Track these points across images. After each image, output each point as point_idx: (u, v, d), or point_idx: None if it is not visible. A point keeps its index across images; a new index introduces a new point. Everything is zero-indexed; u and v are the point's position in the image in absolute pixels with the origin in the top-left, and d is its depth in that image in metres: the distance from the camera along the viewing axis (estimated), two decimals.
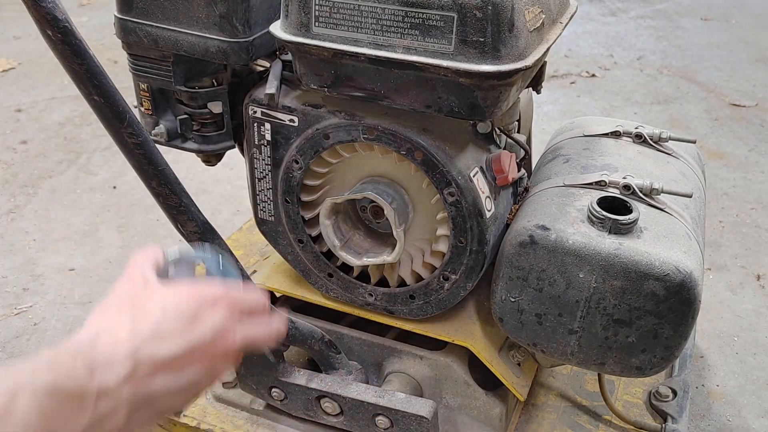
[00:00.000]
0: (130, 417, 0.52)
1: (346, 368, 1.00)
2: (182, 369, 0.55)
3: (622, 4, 3.97)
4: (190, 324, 0.56)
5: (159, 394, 0.54)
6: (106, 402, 0.50)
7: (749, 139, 2.47)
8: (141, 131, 0.75)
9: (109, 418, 0.51)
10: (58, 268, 1.76)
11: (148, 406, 0.54)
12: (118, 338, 0.53)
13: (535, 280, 0.85)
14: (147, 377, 0.53)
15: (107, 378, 0.50)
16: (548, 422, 1.09)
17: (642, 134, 1.01)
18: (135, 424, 0.54)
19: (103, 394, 0.50)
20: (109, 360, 0.51)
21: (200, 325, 0.56)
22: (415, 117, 0.85)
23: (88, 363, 0.50)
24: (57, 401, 0.46)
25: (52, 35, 0.65)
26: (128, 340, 0.53)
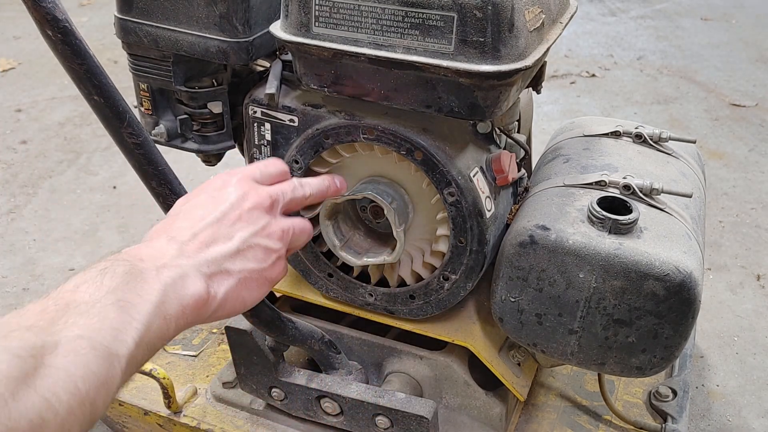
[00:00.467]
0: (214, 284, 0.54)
1: (346, 368, 1.00)
2: (228, 231, 0.57)
3: (622, 4, 3.97)
4: (212, 199, 0.60)
5: (225, 259, 0.55)
6: (168, 271, 0.51)
7: (749, 139, 2.47)
8: (141, 131, 0.75)
9: (183, 282, 0.51)
10: (58, 268, 1.76)
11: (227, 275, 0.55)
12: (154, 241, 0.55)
13: (535, 280, 0.85)
14: (199, 249, 0.55)
15: (159, 260, 0.52)
16: (548, 422, 1.09)
17: (642, 134, 1.01)
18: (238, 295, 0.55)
19: (162, 267, 0.51)
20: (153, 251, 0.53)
21: (221, 195, 0.60)
22: (415, 117, 0.85)
23: (133, 256, 0.51)
24: (116, 279, 0.47)
25: (52, 35, 0.65)
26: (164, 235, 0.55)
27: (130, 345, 0.45)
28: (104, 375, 0.43)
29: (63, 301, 0.45)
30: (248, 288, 0.57)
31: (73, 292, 0.45)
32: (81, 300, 0.45)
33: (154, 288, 0.49)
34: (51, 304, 0.44)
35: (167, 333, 0.49)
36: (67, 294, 0.45)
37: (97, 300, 0.45)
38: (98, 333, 0.43)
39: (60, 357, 0.41)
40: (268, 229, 0.60)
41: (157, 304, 0.48)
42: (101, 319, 0.44)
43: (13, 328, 0.41)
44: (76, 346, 0.42)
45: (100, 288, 0.46)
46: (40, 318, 0.43)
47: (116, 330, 0.44)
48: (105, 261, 0.50)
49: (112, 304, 0.45)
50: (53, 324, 0.43)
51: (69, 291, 0.46)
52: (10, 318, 0.43)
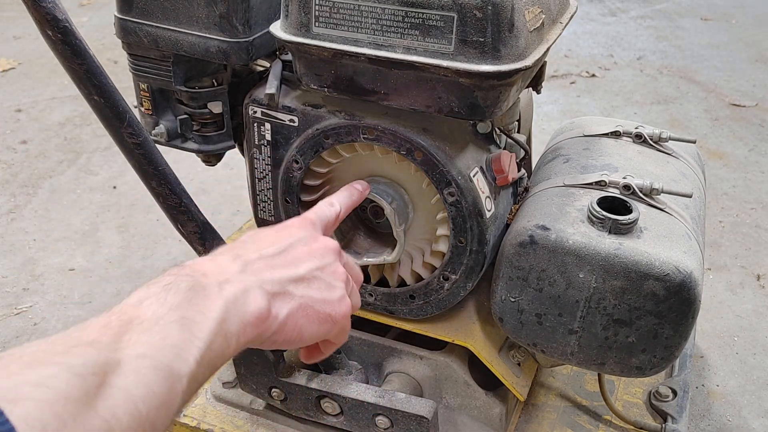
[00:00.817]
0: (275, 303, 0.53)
1: (346, 368, 1.00)
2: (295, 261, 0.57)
3: (622, 4, 3.97)
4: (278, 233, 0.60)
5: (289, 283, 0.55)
6: (231, 287, 0.50)
7: (749, 139, 2.47)
8: (141, 131, 0.75)
9: (245, 298, 0.50)
10: (58, 268, 1.76)
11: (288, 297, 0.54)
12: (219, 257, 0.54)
13: (535, 280, 0.85)
14: (264, 269, 0.54)
15: (222, 275, 0.51)
16: (548, 422, 1.09)
17: (642, 134, 1.01)
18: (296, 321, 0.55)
19: (225, 282, 0.50)
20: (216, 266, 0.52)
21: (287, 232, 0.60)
22: (415, 117, 0.85)
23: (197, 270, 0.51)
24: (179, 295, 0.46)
25: (52, 35, 0.66)
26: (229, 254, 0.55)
27: (192, 364, 0.44)
28: (165, 395, 0.42)
29: (126, 317, 0.44)
30: (308, 317, 0.56)
31: (137, 307, 0.45)
32: (144, 316, 0.44)
33: (217, 304, 0.48)
34: (114, 319, 0.44)
35: (227, 351, 0.48)
36: (130, 309, 0.45)
37: (160, 317, 0.44)
38: (160, 352, 0.43)
39: (122, 377, 0.40)
40: (334, 268, 0.60)
41: (219, 322, 0.47)
42: (163, 337, 0.43)
43: (74, 344, 0.41)
44: (138, 366, 0.41)
45: (164, 304, 0.45)
46: (102, 333, 0.42)
47: (178, 348, 0.44)
48: (169, 275, 0.49)
49: (174, 322, 0.45)
50: (116, 341, 0.42)
51: (132, 306, 0.45)
52: (72, 332, 0.43)
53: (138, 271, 1.75)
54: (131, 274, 1.73)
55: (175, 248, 1.82)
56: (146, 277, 1.72)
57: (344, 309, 0.59)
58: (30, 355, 0.38)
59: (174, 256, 1.80)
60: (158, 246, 1.84)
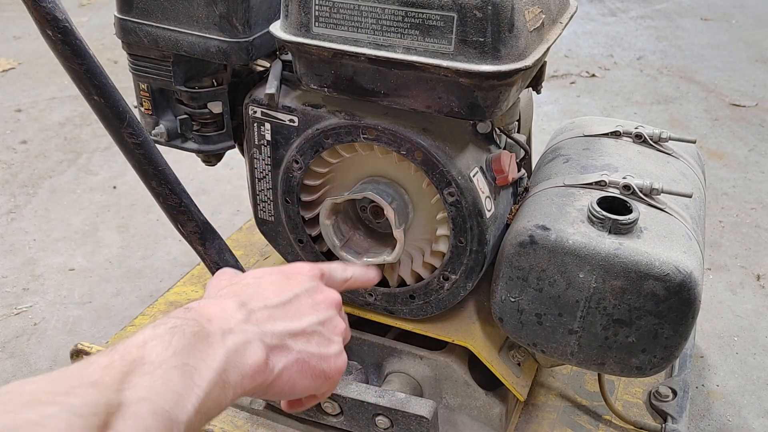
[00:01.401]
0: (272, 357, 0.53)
1: (346, 368, 1.00)
2: (297, 313, 0.57)
3: (622, 4, 3.97)
4: (285, 280, 0.60)
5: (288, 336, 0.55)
6: (233, 336, 0.51)
7: (749, 139, 2.47)
8: (141, 131, 0.75)
9: (245, 350, 0.51)
10: (58, 268, 1.76)
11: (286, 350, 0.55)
12: (224, 301, 0.55)
13: (535, 280, 0.85)
14: (267, 320, 0.55)
15: (227, 323, 0.51)
16: (548, 422, 1.09)
17: (642, 134, 1.01)
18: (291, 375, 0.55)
19: (228, 332, 0.51)
20: (221, 312, 0.52)
21: (294, 280, 0.60)
22: (415, 117, 0.85)
23: (202, 315, 0.51)
24: (183, 340, 0.47)
25: (52, 35, 0.66)
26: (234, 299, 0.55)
27: (190, 411, 0.45)
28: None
29: (130, 357, 0.44)
30: (302, 373, 0.56)
31: (141, 347, 0.45)
32: (148, 358, 0.44)
33: (218, 354, 0.48)
34: (117, 359, 0.44)
35: (224, 401, 0.49)
36: (134, 349, 0.45)
37: (164, 361, 0.45)
38: (161, 397, 0.43)
39: (122, 420, 0.40)
40: (334, 323, 0.61)
41: (219, 371, 0.48)
42: (165, 382, 0.44)
43: (76, 383, 0.41)
44: (138, 410, 0.41)
45: (168, 348, 0.46)
46: (105, 373, 0.42)
47: (178, 395, 0.44)
48: (175, 317, 0.49)
49: (177, 367, 0.45)
50: (118, 382, 0.42)
51: (137, 346, 0.45)
52: (74, 370, 0.43)
53: (138, 271, 1.75)
54: (131, 274, 1.73)
55: (175, 248, 1.82)
56: (146, 277, 1.72)
57: (339, 365, 0.60)
58: (30, 393, 0.39)
59: (174, 256, 1.80)
60: (158, 246, 1.84)
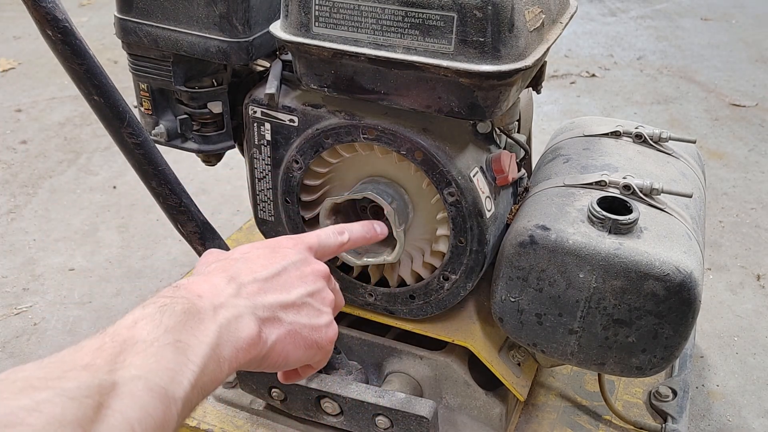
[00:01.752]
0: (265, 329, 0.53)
1: (346, 368, 1.00)
2: (287, 285, 0.58)
3: (622, 4, 3.97)
4: (272, 253, 0.60)
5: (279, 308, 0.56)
6: (225, 311, 0.51)
7: (749, 139, 2.47)
8: (141, 131, 0.75)
9: (237, 324, 0.51)
10: (58, 268, 1.76)
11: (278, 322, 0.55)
12: (213, 277, 0.55)
13: (535, 280, 0.85)
14: (257, 293, 0.55)
15: (217, 298, 0.51)
16: (548, 422, 1.09)
17: (642, 134, 1.01)
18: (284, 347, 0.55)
19: (220, 306, 0.51)
20: (211, 287, 0.53)
21: (281, 253, 0.60)
22: (415, 117, 0.85)
23: (191, 291, 0.51)
24: (173, 318, 0.47)
25: (52, 35, 0.66)
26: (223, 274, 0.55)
27: (186, 387, 0.45)
28: (161, 418, 0.42)
29: (120, 338, 0.44)
30: (295, 344, 0.57)
31: (131, 328, 0.45)
32: (139, 337, 0.44)
33: (210, 329, 0.48)
34: (108, 341, 0.44)
35: (220, 375, 0.49)
36: (124, 330, 0.45)
37: (155, 338, 0.44)
38: (155, 374, 0.43)
39: (117, 399, 0.40)
40: (323, 294, 0.61)
41: (213, 346, 0.48)
42: (158, 360, 0.44)
43: (68, 368, 0.41)
44: (133, 388, 0.41)
45: (159, 326, 0.45)
46: (96, 356, 0.42)
47: (173, 372, 0.44)
48: (164, 296, 0.49)
49: (169, 344, 0.45)
50: (110, 363, 0.42)
51: (127, 327, 0.45)
52: (65, 355, 0.43)
53: (138, 271, 1.75)
54: (131, 274, 1.73)
55: (175, 248, 1.82)
56: (146, 277, 1.72)
57: (330, 335, 0.60)
58: (23, 380, 0.38)
59: (174, 256, 1.80)
60: (158, 246, 1.84)
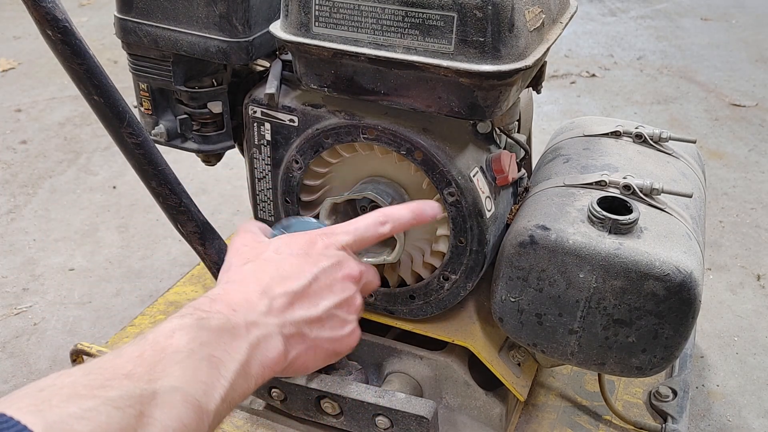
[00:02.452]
0: (290, 347, 0.55)
1: (346, 368, 1.00)
2: (315, 298, 0.59)
3: (622, 4, 3.97)
4: (304, 258, 0.60)
5: (305, 324, 0.57)
6: (256, 330, 0.53)
7: (749, 139, 2.47)
8: (141, 131, 0.75)
9: (266, 344, 0.53)
10: (58, 268, 1.76)
11: (302, 338, 0.57)
12: (247, 286, 0.56)
13: (535, 280, 0.85)
14: (286, 308, 0.56)
15: (250, 314, 0.53)
16: (548, 422, 1.09)
17: (642, 134, 1.01)
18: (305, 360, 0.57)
19: (252, 324, 0.53)
20: (245, 301, 0.54)
21: (313, 257, 0.60)
22: (415, 117, 0.85)
23: (227, 304, 0.53)
24: (209, 333, 0.49)
25: (52, 35, 0.66)
26: (256, 284, 0.56)
27: (217, 400, 0.47)
28: (194, 429, 0.44)
29: (159, 346, 0.46)
30: (315, 356, 0.59)
31: (169, 337, 0.47)
32: (176, 347, 0.46)
33: (242, 347, 0.50)
34: (148, 349, 0.46)
35: (247, 391, 0.51)
36: (162, 339, 0.47)
37: (192, 351, 0.46)
38: (191, 386, 0.45)
39: (157, 409, 0.42)
40: (351, 302, 0.62)
41: (243, 363, 0.50)
42: (194, 372, 0.46)
43: (110, 376, 0.42)
44: (171, 399, 0.43)
45: (195, 339, 0.47)
46: (137, 364, 0.44)
47: (207, 385, 0.46)
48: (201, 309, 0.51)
49: (204, 358, 0.47)
50: (150, 371, 0.44)
51: (165, 336, 0.47)
52: (106, 362, 0.44)
53: (138, 271, 1.75)
54: (131, 274, 1.73)
55: (175, 248, 1.82)
56: (146, 277, 1.72)
57: (352, 342, 0.62)
58: (69, 386, 0.40)
59: (174, 256, 1.80)
60: (158, 246, 1.84)
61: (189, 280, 1.41)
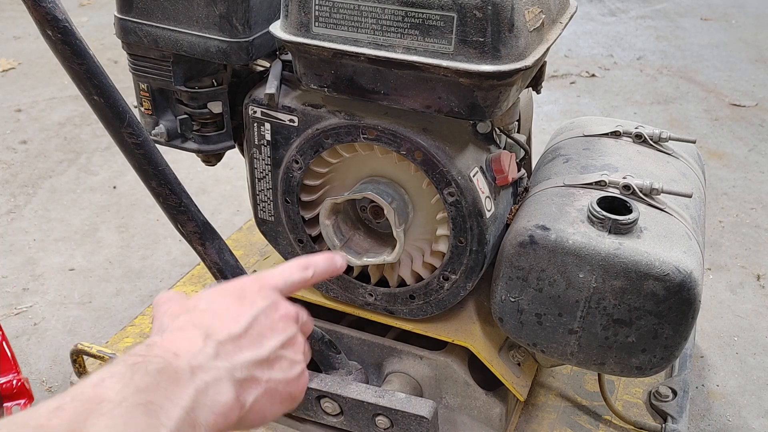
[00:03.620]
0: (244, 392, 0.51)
1: (346, 368, 1.00)
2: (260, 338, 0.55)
3: (622, 4, 3.97)
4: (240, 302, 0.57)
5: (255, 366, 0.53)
6: (203, 374, 0.48)
7: (749, 139, 2.47)
8: (141, 131, 0.75)
9: (216, 388, 0.48)
10: (58, 268, 1.76)
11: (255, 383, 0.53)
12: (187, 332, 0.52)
13: (535, 280, 0.85)
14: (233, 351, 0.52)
15: (195, 357, 0.48)
16: (548, 422, 1.09)
17: (642, 134, 1.01)
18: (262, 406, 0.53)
19: (197, 368, 0.47)
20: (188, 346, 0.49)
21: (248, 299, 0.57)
22: (415, 117, 0.85)
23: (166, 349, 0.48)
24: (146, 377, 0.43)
25: (52, 35, 0.66)
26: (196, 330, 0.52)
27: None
28: None
29: (83, 397, 0.40)
30: (272, 401, 0.55)
31: (97, 386, 0.41)
32: (105, 397, 0.41)
33: (187, 392, 0.45)
34: (68, 401, 0.40)
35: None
36: (88, 389, 0.41)
37: (124, 398, 0.41)
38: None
39: None
40: (294, 341, 0.59)
41: (188, 410, 0.44)
42: (126, 422, 0.40)
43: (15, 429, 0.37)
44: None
45: (128, 385, 0.42)
46: (53, 416, 0.38)
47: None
48: (136, 354, 0.46)
49: (140, 405, 0.41)
50: (69, 423, 0.38)
51: (92, 385, 0.41)
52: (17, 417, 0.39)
53: (138, 271, 1.75)
54: (131, 274, 1.73)
55: (175, 248, 1.82)
56: (146, 277, 1.72)
57: (303, 384, 0.59)
58: None
59: (174, 256, 1.80)
60: (158, 246, 1.84)
61: (189, 280, 1.41)
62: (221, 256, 0.87)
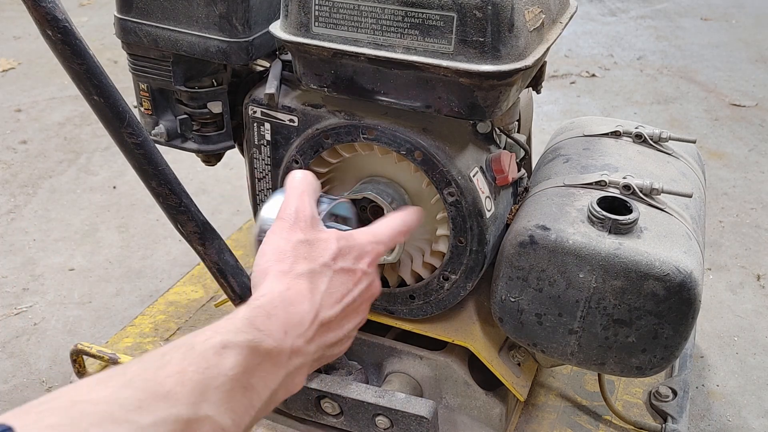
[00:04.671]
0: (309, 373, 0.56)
1: (346, 368, 1.00)
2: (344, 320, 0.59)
3: (622, 4, 3.97)
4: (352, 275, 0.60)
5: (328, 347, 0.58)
6: (296, 359, 0.53)
7: (749, 139, 2.47)
8: (141, 131, 0.75)
9: (299, 373, 0.54)
10: (58, 268, 1.76)
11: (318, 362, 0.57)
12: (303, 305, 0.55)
13: (535, 280, 0.85)
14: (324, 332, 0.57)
15: (299, 340, 0.53)
16: (548, 422, 1.09)
17: (642, 134, 1.01)
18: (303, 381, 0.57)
19: (295, 353, 0.52)
20: (298, 324, 0.54)
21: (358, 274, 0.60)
22: (415, 117, 0.85)
23: (282, 324, 0.52)
24: (258, 358, 0.48)
25: (52, 35, 0.66)
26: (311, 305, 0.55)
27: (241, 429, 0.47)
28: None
29: (204, 364, 0.45)
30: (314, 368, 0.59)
31: (218, 354, 0.46)
32: (221, 370, 0.45)
33: (279, 375, 0.50)
34: (193, 364, 0.44)
35: (264, 414, 0.51)
36: (210, 355, 0.45)
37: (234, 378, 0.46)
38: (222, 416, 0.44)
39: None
40: (364, 316, 0.63)
41: (273, 392, 0.50)
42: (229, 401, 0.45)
43: (148, 395, 0.41)
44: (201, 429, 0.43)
45: (241, 363, 0.47)
46: (178, 382, 0.43)
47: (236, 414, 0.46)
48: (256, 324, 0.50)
49: (242, 388, 0.46)
50: (189, 395, 0.42)
51: (214, 351, 0.46)
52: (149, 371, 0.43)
53: (138, 271, 1.75)
54: (131, 274, 1.73)
55: (175, 248, 1.82)
56: (146, 277, 1.72)
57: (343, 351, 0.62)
58: (104, 404, 0.39)
59: (174, 256, 1.80)
60: (158, 246, 1.84)
61: (189, 280, 1.41)
62: (221, 256, 0.87)
